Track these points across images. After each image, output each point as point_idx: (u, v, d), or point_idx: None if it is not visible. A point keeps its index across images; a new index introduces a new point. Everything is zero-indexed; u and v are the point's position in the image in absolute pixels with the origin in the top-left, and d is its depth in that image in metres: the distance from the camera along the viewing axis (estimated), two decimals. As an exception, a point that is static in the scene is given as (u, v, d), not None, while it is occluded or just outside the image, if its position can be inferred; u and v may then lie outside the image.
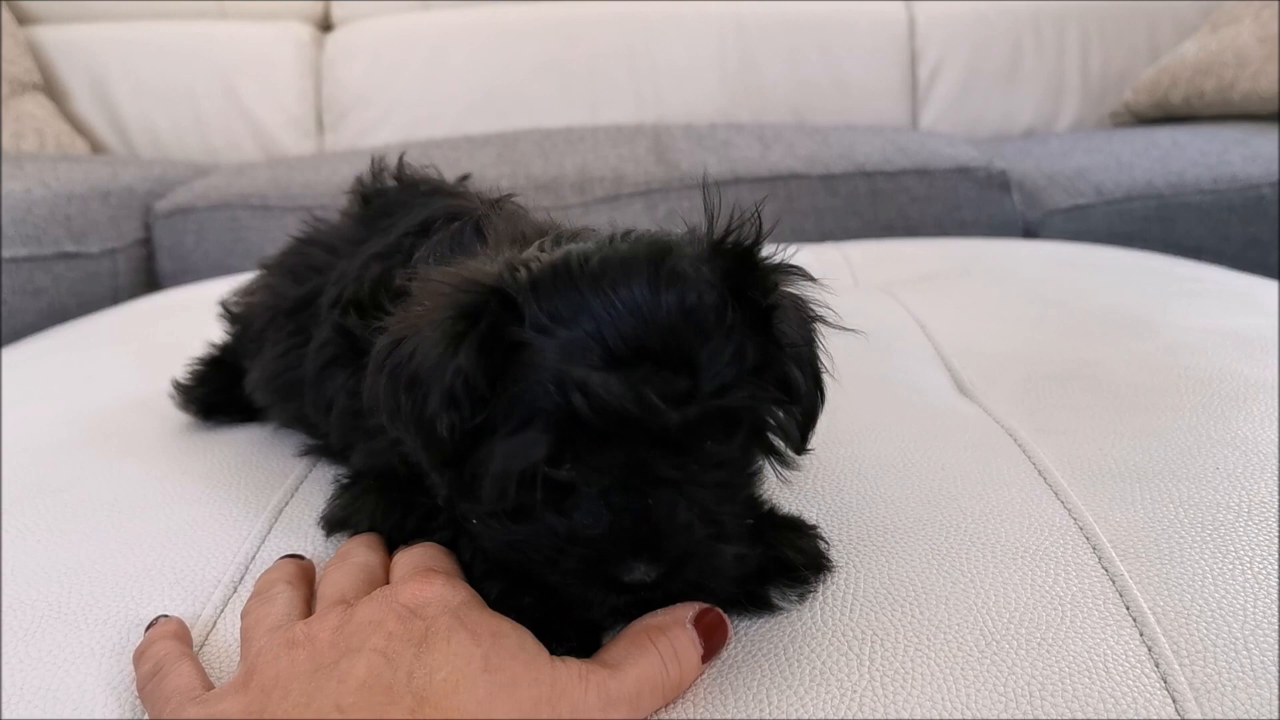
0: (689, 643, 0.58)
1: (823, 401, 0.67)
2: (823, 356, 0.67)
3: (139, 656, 0.62)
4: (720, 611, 0.61)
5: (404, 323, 0.63)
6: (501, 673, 0.53)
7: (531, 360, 0.56)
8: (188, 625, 0.66)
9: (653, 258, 0.59)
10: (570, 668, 0.55)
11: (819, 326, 0.68)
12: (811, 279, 0.68)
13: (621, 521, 0.56)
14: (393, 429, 0.63)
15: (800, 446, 0.65)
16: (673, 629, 0.58)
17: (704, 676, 0.60)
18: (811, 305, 0.67)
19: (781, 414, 0.62)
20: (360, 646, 0.54)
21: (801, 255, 1.73)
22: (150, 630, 0.64)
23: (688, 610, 0.60)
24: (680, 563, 0.57)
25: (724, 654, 0.62)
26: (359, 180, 0.94)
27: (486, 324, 0.58)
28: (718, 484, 0.60)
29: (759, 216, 0.64)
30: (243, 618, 0.64)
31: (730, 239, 0.63)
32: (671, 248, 0.60)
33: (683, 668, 0.57)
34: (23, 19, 2.99)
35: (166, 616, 0.66)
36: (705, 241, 0.63)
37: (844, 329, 0.68)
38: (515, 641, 0.56)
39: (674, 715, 0.57)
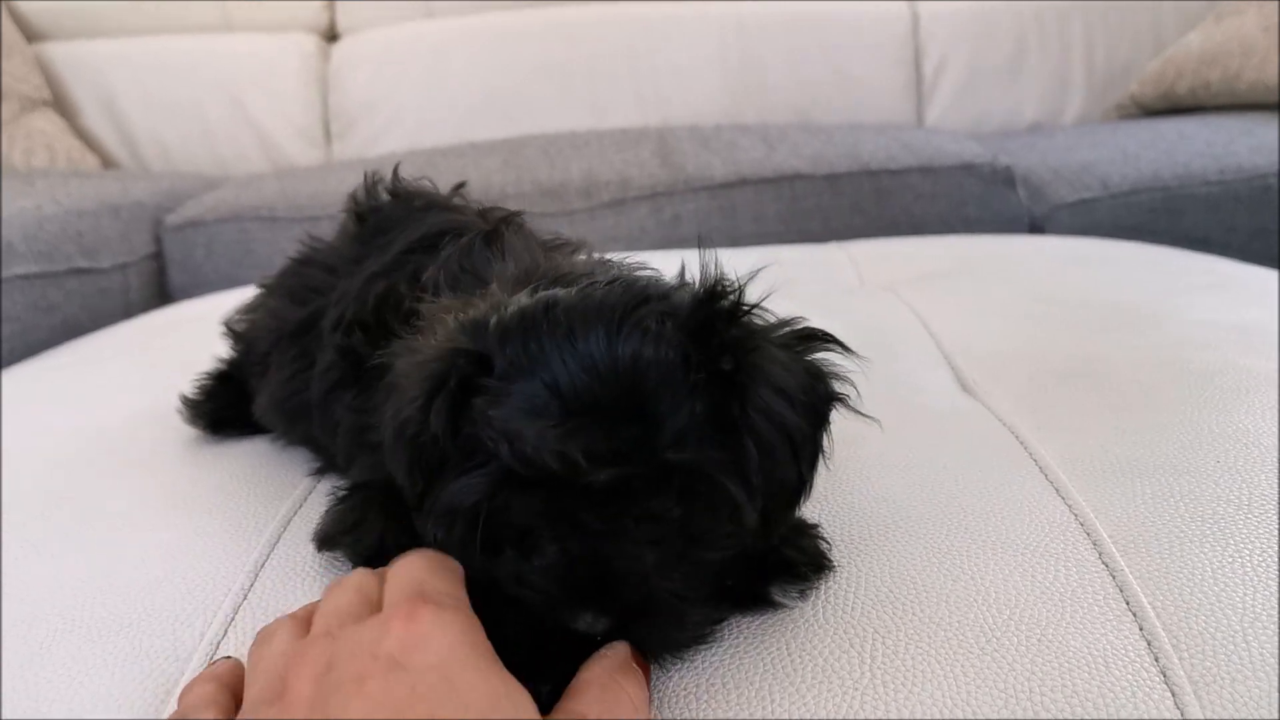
0: (640, 685, 0.57)
1: (807, 484, 0.64)
2: (826, 439, 0.64)
3: (180, 695, 0.59)
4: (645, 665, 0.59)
5: (398, 373, 0.64)
6: None
7: (488, 407, 0.57)
8: (228, 662, 0.62)
9: (619, 308, 0.58)
10: None
11: (829, 400, 0.64)
12: (841, 347, 0.66)
13: (572, 569, 0.56)
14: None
15: (763, 525, 0.61)
16: (626, 674, 0.57)
17: (703, 673, 0.60)
18: (826, 379, 0.65)
19: (740, 483, 0.58)
20: (342, 711, 0.50)
21: (806, 255, 1.74)
22: (204, 670, 0.62)
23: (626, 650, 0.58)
24: (632, 617, 0.57)
25: (726, 651, 0.62)
26: (353, 198, 0.95)
27: (456, 383, 0.58)
28: (675, 543, 0.58)
29: (739, 281, 0.63)
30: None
31: (710, 295, 0.61)
32: (643, 299, 0.60)
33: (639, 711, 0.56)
34: (31, 36, 3.02)
35: (228, 658, 0.63)
36: (688, 295, 0.62)
37: (861, 413, 0.67)
38: (510, 707, 0.52)
39: (676, 713, 0.58)
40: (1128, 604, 0.64)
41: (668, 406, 0.56)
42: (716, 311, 0.60)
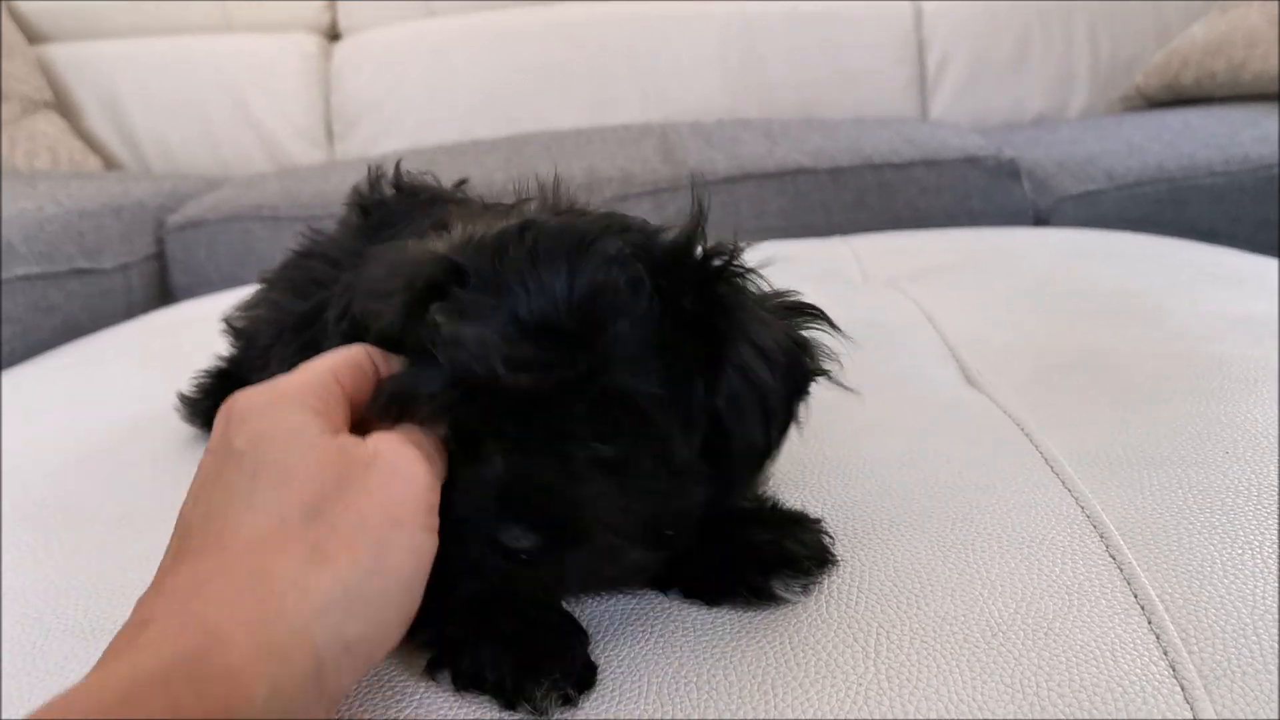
0: None
1: (774, 449, 0.65)
2: (802, 409, 0.65)
3: None
4: None
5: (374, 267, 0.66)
6: None
7: (442, 313, 0.58)
8: None
9: (590, 234, 0.60)
10: None
11: (809, 371, 0.66)
12: (830, 324, 0.68)
13: (509, 483, 0.56)
14: None
15: (726, 486, 0.63)
16: None
17: (705, 667, 0.60)
18: (810, 352, 0.66)
19: (680, 424, 0.59)
20: None
21: (810, 249, 1.73)
22: None
23: None
24: (562, 540, 0.57)
25: (728, 646, 0.61)
26: (356, 191, 0.94)
27: (423, 284, 0.60)
28: (616, 474, 0.58)
29: (702, 212, 0.65)
30: None
31: (690, 240, 0.63)
32: (619, 230, 0.61)
33: None
34: (33, 38, 3.02)
35: None
36: (669, 237, 0.63)
37: (844, 386, 0.67)
38: None
39: (677, 708, 0.57)
40: (1135, 597, 0.63)
41: (617, 335, 0.57)
42: (693, 258, 0.62)
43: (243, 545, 0.49)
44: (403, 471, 0.54)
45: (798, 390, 0.65)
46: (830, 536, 0.69)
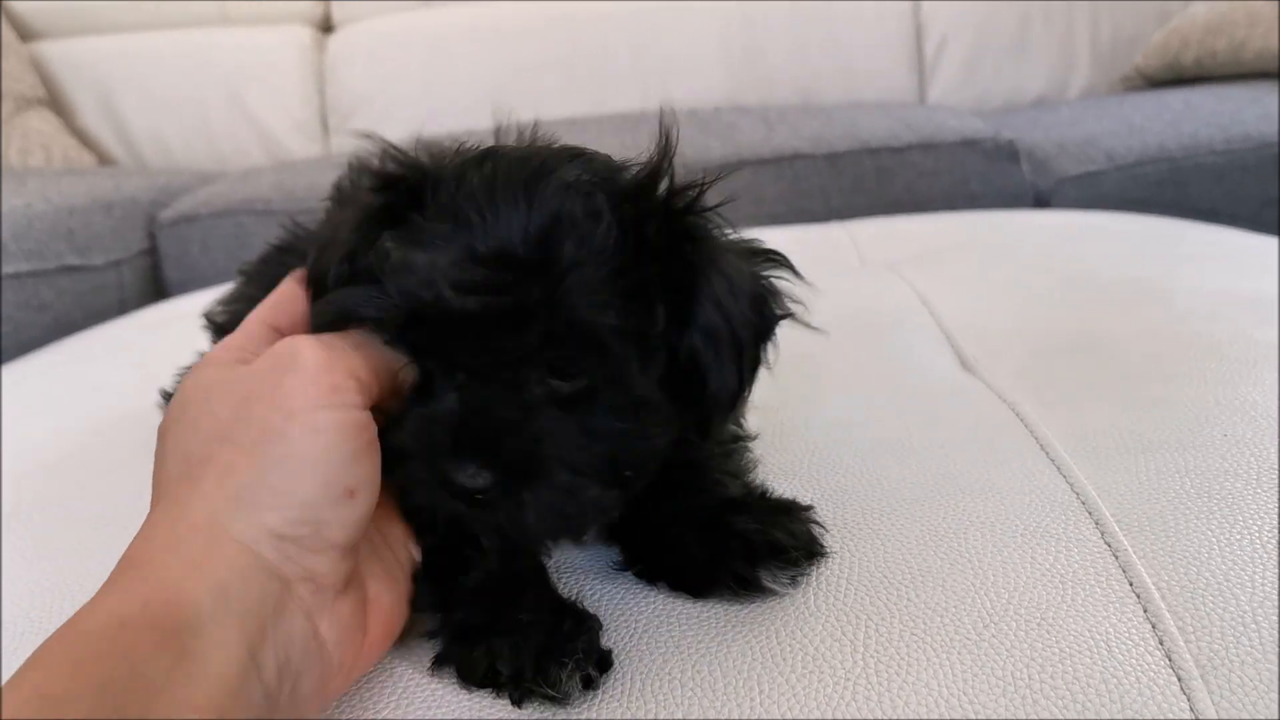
0: None
1: (746, 387, 0.63)
2: (769, 347, 0.64)
3: None
4: None
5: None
6: None
7: (394, 239, 0.58)
8: None
9: (551, 163, 0.59)
10: None
11: (775, 312, 0.65)
12: (792, 270, 0.67)
13: (462, 418, 0.56)
14: None
15: (698, 429, 0.63)
16: None
17: (690, 663, 0.58)
18: (776, 294, 0.65)
19: (638, 357, 0.58)
20: None
21: (807, 235, 1.71)
22: None
23: None
24: (516, 476, 0.55)
25: (713, 640, 0.60)
26: (336, 187, 0.93)
27: (380, 205, 0.60)
28: (573, 408, 0.57)
29: (668, 141, 0.63)
30: None
31: (655, 174, 0.62)
32: (580, 159, 0.61)
33: None
34: (25, 35, 3.00)
35: None
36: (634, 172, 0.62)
37: (810, 326, 0.66)
38: None
39: (661, 704, 0.56)
40: (1131, 585, 0.62)
41: (574, 263, 0.55)
42: (658, 190, 0.61)
43: (174, 490, 0.55)
44: (290, 363, 0.56)
45: (766, 330, 0.64)
46: (821, 526, 0.67)
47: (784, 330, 0.66)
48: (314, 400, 0.54)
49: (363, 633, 0.57)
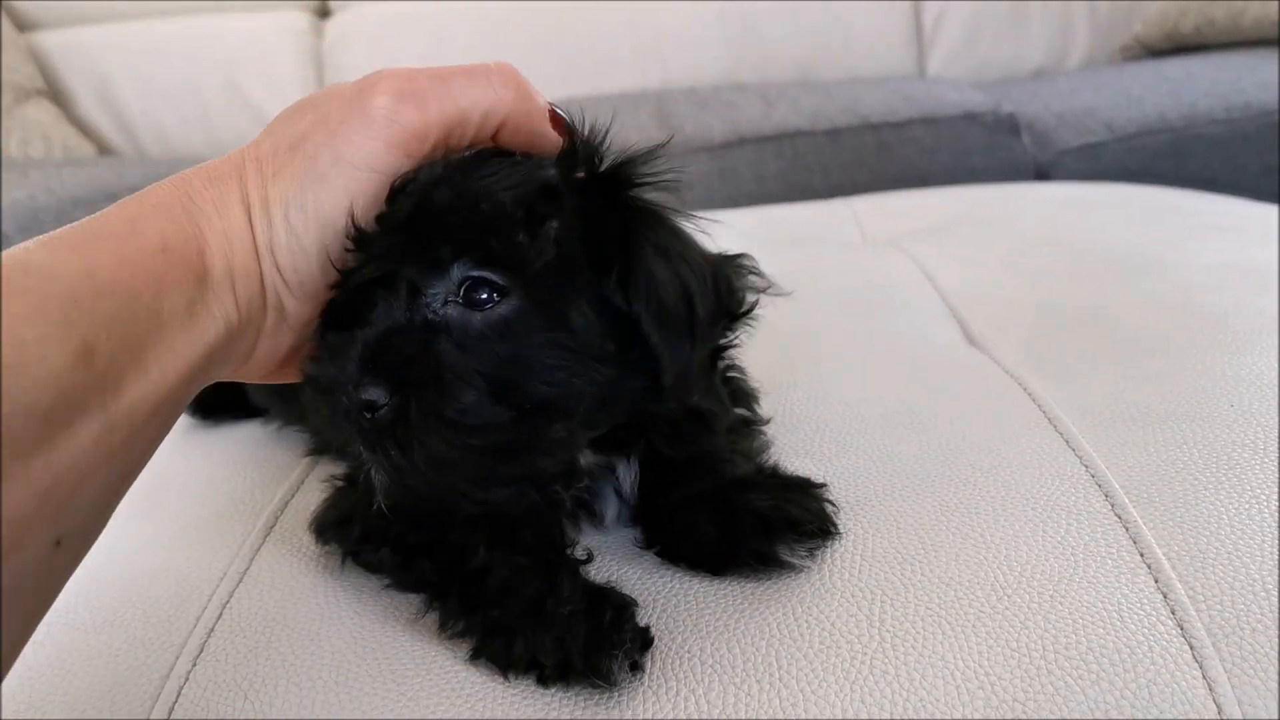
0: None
1: (681, 346, 0.61)
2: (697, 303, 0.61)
3: None
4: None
5: None
6: None
7: None
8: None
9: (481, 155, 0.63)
10: None
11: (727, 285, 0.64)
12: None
13: (373, 339, 0.56)
14: None
15: (678, 385, 0.62)
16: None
17: (709, 642, 0.59)
18: (744, 269, 0.67)
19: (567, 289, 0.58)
20: None
21: (809, 212, 1.71)
22: None
23: None
24: (412, 392, 0.55)
25: (731, 616, 0.61)
26: None
27: None
28: (499, 339, 0.57)
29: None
30: None
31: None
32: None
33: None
34: (23, 26, 2.99)
35: None
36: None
37: (770, 291, 0.67)
38: None
39: (681, 680, 0.57)
40: (1142, 556, 0.63)
41: (489, 194, 0.58)
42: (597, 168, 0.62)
43: (244, 159, 0.59)
44: (361, 107, 0.59)
45: (716, 298, 0.63)
46: (834, 505, 0.68)
47: (782, 306, 0.67)
48: (364, 156, 0.58)
49: (275, 366, 0.62)
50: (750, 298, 0.66)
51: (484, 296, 0.57)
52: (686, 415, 0.68)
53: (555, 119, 0.65)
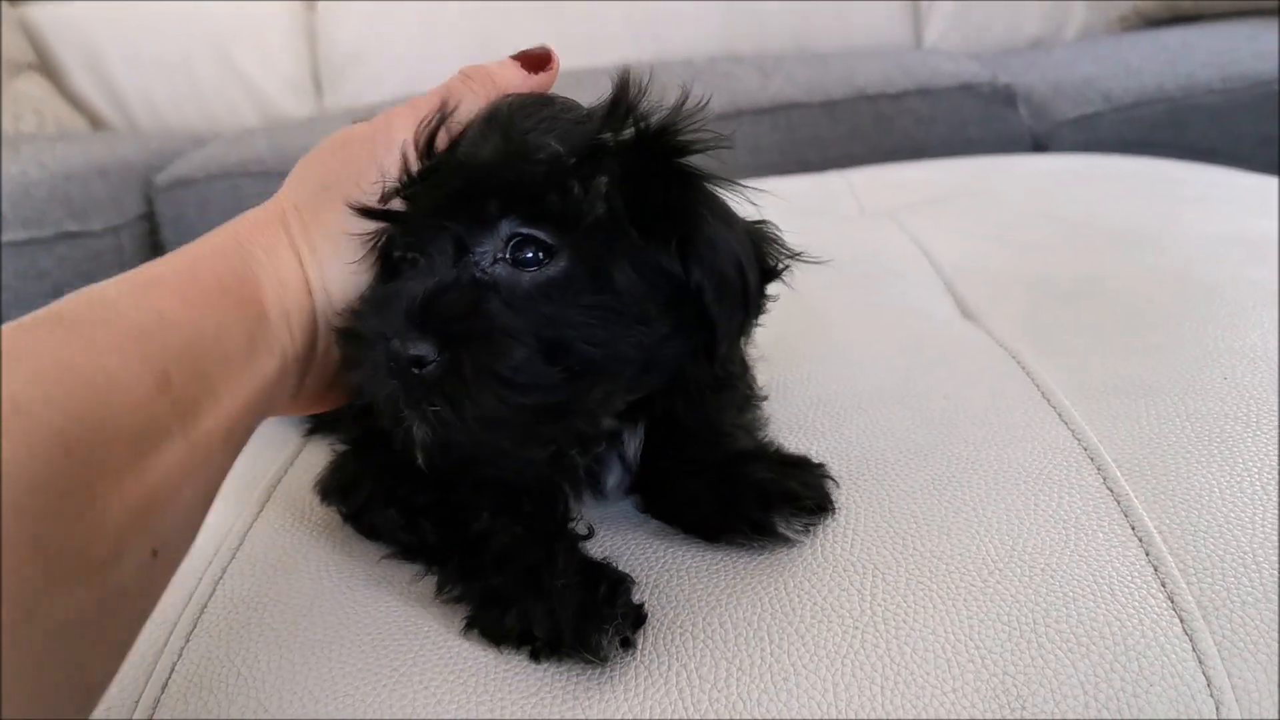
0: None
1: (737, 315, 0.62)
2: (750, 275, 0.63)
3: None
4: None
5: None
6: None
7: None
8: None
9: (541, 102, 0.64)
10: None
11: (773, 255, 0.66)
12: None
13: (421, 295, 0.56)
14: None
15: (708, 357, 0.63)
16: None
17: (701, 615, 0.59)
18: (773, 238, 0.67)
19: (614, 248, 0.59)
20: None
21: (805, 185, 1.70)
22: None
23: None
24: (461, 348, 0.54)
25: (723, 592, 0.61)
26: None
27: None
28: (544, 298, 0.57)
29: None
30: None
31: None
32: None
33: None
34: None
35: None
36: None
37: (812, 260, 0.67)
38: None
39: (672, 656, 0.57)
40: (1133, 529, 0.63)
41: (537, 150, 0.58)
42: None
43: (282, 208, 0.62)
44: (384, 139, 0.61)
45: (764, 268, 0.65)
46: (834, 481, 0.68)
47: (786, 278, 0.67)
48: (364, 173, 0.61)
49: (320, 395, 0.65)
50: (781, 265, 0.66)
51: (531, 255, 0.58)
52: (712, 381, 0.69)
53: (528, 58, 0.70)
